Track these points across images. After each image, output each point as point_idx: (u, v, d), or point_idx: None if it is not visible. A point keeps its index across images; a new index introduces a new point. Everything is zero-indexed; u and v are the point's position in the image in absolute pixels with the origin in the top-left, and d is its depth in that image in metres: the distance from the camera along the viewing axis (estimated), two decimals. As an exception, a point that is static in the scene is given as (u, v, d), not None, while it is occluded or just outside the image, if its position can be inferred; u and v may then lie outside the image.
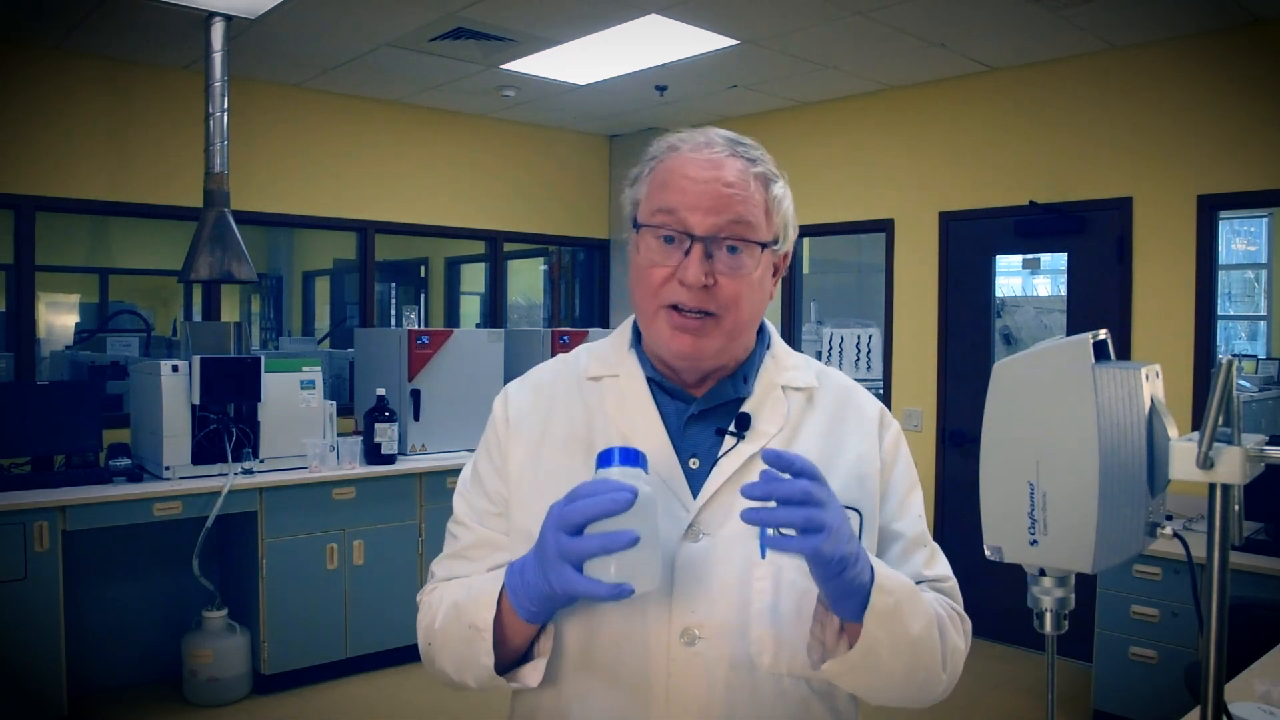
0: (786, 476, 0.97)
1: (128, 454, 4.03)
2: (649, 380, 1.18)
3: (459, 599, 1.13)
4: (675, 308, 1.10)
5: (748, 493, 0.98)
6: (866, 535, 1.13)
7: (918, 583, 1.17)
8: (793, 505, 0.95)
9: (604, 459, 1.02)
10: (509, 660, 1.11)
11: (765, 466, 1.10)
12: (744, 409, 1.16)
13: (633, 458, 1.01)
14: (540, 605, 1.04)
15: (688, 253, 1.09)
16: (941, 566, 1.21)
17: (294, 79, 4.98)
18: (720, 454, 1.13)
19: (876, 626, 1.01)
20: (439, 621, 1.15)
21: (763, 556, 1.07)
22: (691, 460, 1.14)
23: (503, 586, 1.07)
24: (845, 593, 1.00)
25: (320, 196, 5.24)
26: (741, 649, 1.08)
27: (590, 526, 0.97)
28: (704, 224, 1.09)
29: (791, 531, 0.96)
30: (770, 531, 1.00)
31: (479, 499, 1.21)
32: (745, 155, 1.13)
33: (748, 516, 0.97)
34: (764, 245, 1.12)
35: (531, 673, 1.10)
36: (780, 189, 1.15)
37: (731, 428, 1.15)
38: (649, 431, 1.15)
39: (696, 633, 1.08)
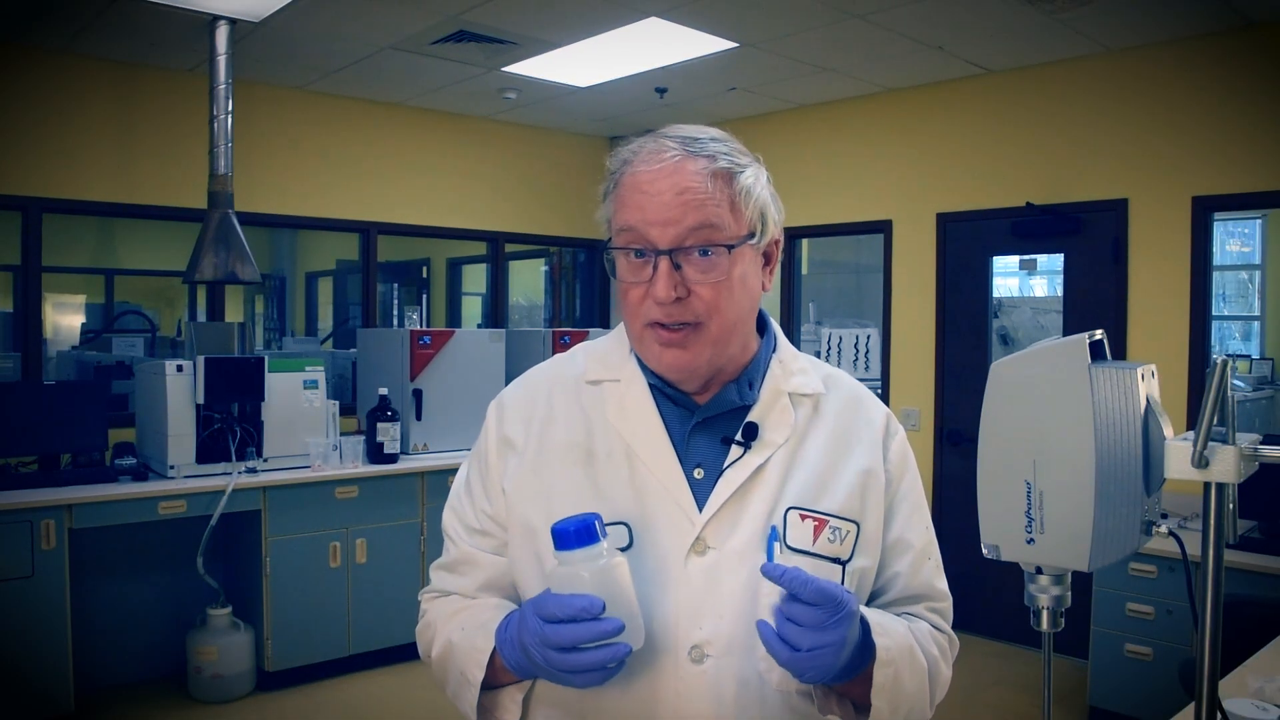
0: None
1: (133, 453, 4.06)
2: (651, 387, 1.15)
3: (454, 639, 1.15)
4: (658, 324, 1.08)
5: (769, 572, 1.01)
6: (863, 549, 1.13)
7: (920, 598, 1.20)
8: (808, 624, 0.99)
9: (560, 538, 1.00)
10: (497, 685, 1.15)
11: (774, 476, 1.12)
12: (750, 417, 1.13)
13: (588, 534, 1.00)
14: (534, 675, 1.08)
15: (655, 268, 1.06)
16: (942, 581, 1.22)
17: (297, 82, 5.00)
18: (726, 465, 1.11)
19: (881, 701, 1.05)
20: (435, 650, 1.18)
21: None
22: (696, 470, 1.11)
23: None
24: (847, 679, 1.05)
25: (323, 198, 5.26)
26: (750, 666, 1.07)
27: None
28: (665, 236, 1.05)
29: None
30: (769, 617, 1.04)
31: (468, 514, 1.21)
32: (702, 153, 1.07)
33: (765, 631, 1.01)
34: (731, 246, 1.07)
35: (509, 709, 1.13)
36: (749, 178, 1.09)
37: (738, 437, 1.12)
38: (652, 441, 1.12)
39: (705, 650, 1.07)
